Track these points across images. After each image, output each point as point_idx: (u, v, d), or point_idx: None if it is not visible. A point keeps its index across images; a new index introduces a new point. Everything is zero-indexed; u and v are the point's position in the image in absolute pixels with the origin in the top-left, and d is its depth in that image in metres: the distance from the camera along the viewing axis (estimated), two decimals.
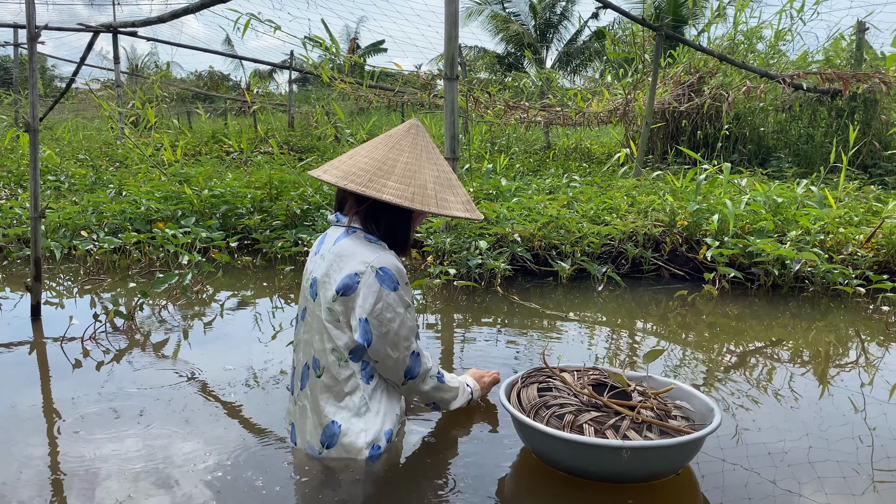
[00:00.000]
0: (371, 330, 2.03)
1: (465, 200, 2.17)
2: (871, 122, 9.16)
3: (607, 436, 1.96)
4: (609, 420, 2.02)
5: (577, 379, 2.29)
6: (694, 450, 2.02)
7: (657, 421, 2.00)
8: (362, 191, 2.01)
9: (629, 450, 1.88)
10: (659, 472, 2.02)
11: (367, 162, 2.09)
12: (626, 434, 1.95)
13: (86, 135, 12.73)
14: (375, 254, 2.06)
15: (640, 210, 5.45)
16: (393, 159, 2.10)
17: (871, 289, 4.33)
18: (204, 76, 32.13)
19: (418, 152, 2.15)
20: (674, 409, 2.13)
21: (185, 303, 4.11)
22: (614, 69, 11.09)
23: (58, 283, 4.66)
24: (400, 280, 2.07)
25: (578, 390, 2.16)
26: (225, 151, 10.65)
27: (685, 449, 1.97)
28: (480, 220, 2.20)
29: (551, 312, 4.03)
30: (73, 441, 2.31)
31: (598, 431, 1.98)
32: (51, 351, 3.27)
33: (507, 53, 30.64)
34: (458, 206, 2.13)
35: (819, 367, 3.22)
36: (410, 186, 2.05)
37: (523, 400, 2.19)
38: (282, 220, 5.68)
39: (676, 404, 2.18)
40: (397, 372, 2.13)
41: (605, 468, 1.98)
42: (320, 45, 9.50)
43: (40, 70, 32.84)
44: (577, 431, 1.99)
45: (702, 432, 1.94)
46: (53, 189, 7.12)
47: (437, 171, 2.15)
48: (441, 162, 2.20)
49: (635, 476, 2.00)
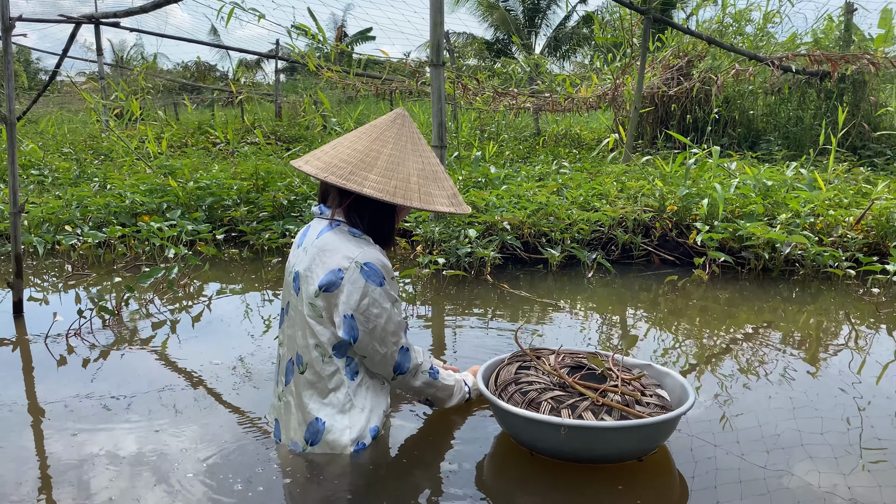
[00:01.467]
0: (357, 326, 1.99)
1: (451, 194, 2.10)
2: (860, 104, 9.15)
3: (561, 414, 1.97)
4: (569, 400, 2.03)
5: (559, 360, 2.27)
6: (652, 435, 1.99)
7: (617, 405, 1.97)
8: (342, 184, 1.94)
9: (567, 428, 1.91)
10: (614, 453, 2.01)
11: (349, 153, 2.02)
12: (582, 414, 1.96)
13: (70, 128, 12.59)
14: (360, 249, 2.01)
15: (629, 196, 5.42)
16: (376, 151, 2.04)
17: (861, 271, 4.32)
18: (191, 67, 31.86)
19: (403, 143, 2.08)
20: (651, 396, 2.10)
21: (172, 297, 4.06)
22: (603, 54, 11.03)
23: (42, 279, 4.59)
24: (385, 275, 2.02)
25: (550, 370, 2.17)
26: (211, 143, 10.55)
27: (636, 433, 1.94)
28: (467, 213, 2.14)
29: (542, 300, 4.00)
30: (61, 437, 2.27)
31: (553, 409, 1.99)
32: (35, 348, 3.22)
33: (496, 40, 30.49)
34: (443, 200, 2.06)
35: (810, 350, 3.21)
36: (393, 180, 1.99)
37: (500, 377, 2.24)
38: (269, 211, 5.62)
39: (657, 392, 2.14)
40: (386, 367, 2.09)
41: (550, 445, 2.01)
42: (306, 34, 9.41)
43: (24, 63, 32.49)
44: (534, 408, 2.01)
45: (652, 420, 1.92)
46: (37, 183, 7.03)
47: (422, 163, 2.09)
48: (427, 153, 2.13)
49: (590, 456, 2.01)
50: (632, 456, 2.05)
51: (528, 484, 2.02)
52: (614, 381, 2.12)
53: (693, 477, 2.03)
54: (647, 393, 2.11)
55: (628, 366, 2.33)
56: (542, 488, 1.98)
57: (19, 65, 29.22)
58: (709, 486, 1.97)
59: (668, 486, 2.04)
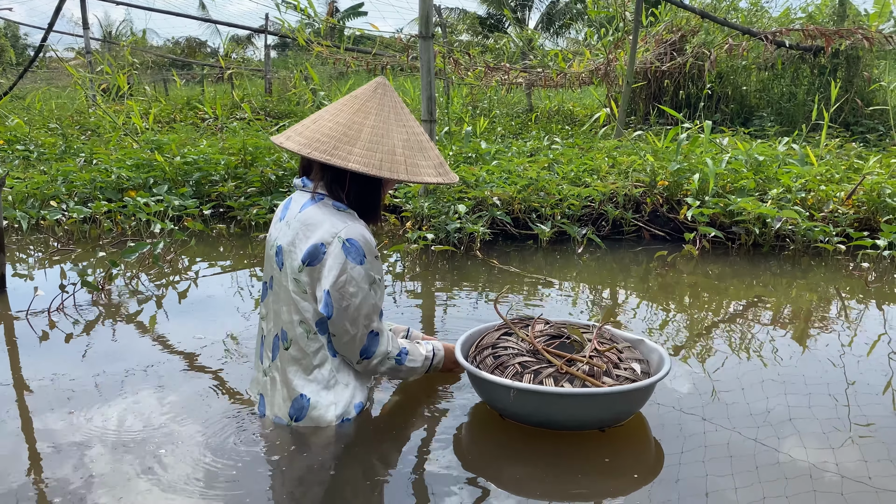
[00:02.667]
0: (332, 303, 1.95)
1: (437, 164, 2.05)
2: (853, 80, 9.10)
3: (523, 379, 2.00)
4: (535, 366, 2.05)
5: (542, 329, 2.27)
6: (607, 405, 1.99)
7: (580, 374, 1.99)
8: (326, 159, 1.90)
9: (515, 390, 1.96)
10: (571, 421, 2.04)
11: (332, 127, 1.97)
12: (543, 381, 1.99)
13: (58, 103, 12.41)
14: (344, 224, 1.97)
15: (620, 171, 5.38)
16: (359, 123, 1.98)
17: (852, 246, 4.31)
18: (181, 43, 31.45)
19: (385, 114, 2.02)
20: (625, 369, 2.08)
21: (158, 272, 4.02)
22: (596, 29, 10.91)
23: (26, 254, 4.54)
24: (368, 253, 1.98)
25: (525, 337, 2.19)
26: (200, 118, 10.43)
27: (586, 401, 1.97)
28: (455, 182, 2.09)
29: (532, 276, 3.98)
30: (45, 413, 2.25)
31: (516, 374, 2.03)
32: (18, 325, 3.18)
33: (489, 15, 30.20)
34: (429, 171, 2.01)
35: (799, 325, 3.20)
36: (378, 153, 1.94)
37: (482, 342, 2.27)
38: (256, 186, 5.56)
39: (632, 366, 2.12)
40: (353, 349, 2.04)
41: (505, 406, 2.07)
42: (296, 8, 9.27)
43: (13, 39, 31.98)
44: (500, 371, 2.07)
45: (600, 389, 1.94)
46: (22, 159, 6.93)
47: (406, 133, 2.03)
48: (411, 123, 2.07)
49: (548, 421, 2.04)
50: (592, 425, 2.06)
51: (504, 451, 2.01)
52: (589, 352, 2.11)
53: (682, 452, 2.02)
54: (622, 366, 2.10)
55: (619, 339, 2.30)
56: (521, 456, 1.97)
57: (6, 40, 28.82)
58: (696, 461, 1.97)
59: (646, 454, 2.06)
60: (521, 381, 2.00)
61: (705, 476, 1.88)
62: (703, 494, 1.80)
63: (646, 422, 2.19)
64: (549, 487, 1.85)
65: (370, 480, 1.89)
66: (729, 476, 1.88)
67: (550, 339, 2.24)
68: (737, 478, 1.87)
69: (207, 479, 1.84)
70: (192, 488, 1.81)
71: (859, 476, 1.88)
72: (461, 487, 1.83)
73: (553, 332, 2.27)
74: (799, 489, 1.82)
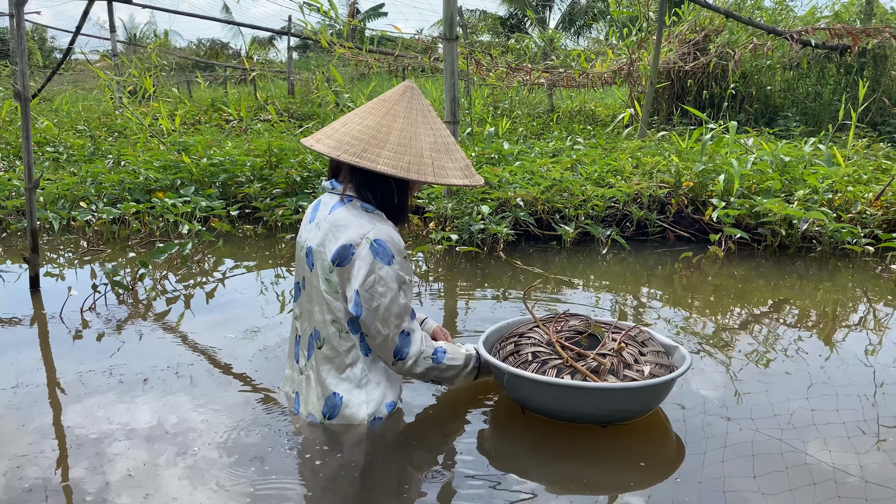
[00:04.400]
0: (361, 303, 1.97)
1: (463, 166, 2.07)
2: (880, 79, 8.99)
3: (529, 368, 2.09)
4: (546, 357, 2.13)
5: (567, 325, 2.31)
6: (593, 401, 2.03)
7: (582, 368, 2.05)
8: (356, 161, 1.92)
9: (508, 374, 2.07)
10: (567, 411, 2.09)
11: (360, 129, 1.99)
12: (546, 371, 2.07)
13: (85, 105, 12.61)
14: (372, 225, 1.99)
15: (644, 172, 5.36)
16: (387, 126, 2.00)
17: (881, 248, 4.26)
18: (204, 44, 31.79)
19: (413, 117, 2.05)
20: (636, 371, 2.07)
21: (186, 272, 4.08)
22: (618, 29, 10.87)
23: (58, 254, 4.63)
24: (396, 254, 1.99)
25: (545, 331, 2.25)
26: (224, 120, 10.54)
27: (579, 394, 2.01)
28: (481, 185, 2.11)
29: (555, 277, 3.98)
30: (79, 411, 2.30)
31: (525, 362, 2.13)
32: (51, 323, 3.25)
33: (510, 15, 30.17)
34: (456, 174, 2.03)
35: (826, 328, 3.18)
36: (406, 155, 1.97)
37: (514, 332, 2.34)
38: (282, 187, 5.62)
39: (643, 368, 2.09)
40: (387, 350, 2.05)
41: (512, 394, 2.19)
42: (318, 10, 9.33)
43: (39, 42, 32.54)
44: (513, 358, 2.18)
45: (579, 383, 1.99)
46: (52, 160, 7.06)
47: (433, 136, 2.05)
48: (438, 126, 2.09)
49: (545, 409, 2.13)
50: (587, 419, 2.10)
51: (529, 449, 2.03)
52: (602, 349, 2.15)
53: (705, 453, 2.02)
54: (635, 367, 2.09)
55: (653, 342, 2.27)
56: (546, 452, 1.99)
57: (34, 43, 29.28)
58: (717, 462, 1.97)
59: (667, 451, 2.09)
60: (525, 370, 2.09)
61: (722, 477, 1.89)
62: (722, 492, 1.80)
63: (667, 420, 2.20)
64: (572, 484, 1.86)
65: (400, 479, 1.92)
66: (751, 476, 1.88)
67: (576, 335, 2.26)
68: (760, 481, 1.87)
69: (237, 476, 1.88)
70: (221, 485, 1.84)
71: (885, 480, 1.87)
72: (487, 486, 1.86)
73: (581, 329, 2.29)
74: (825, 493, 1.82)
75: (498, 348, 2.30)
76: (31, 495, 1.81)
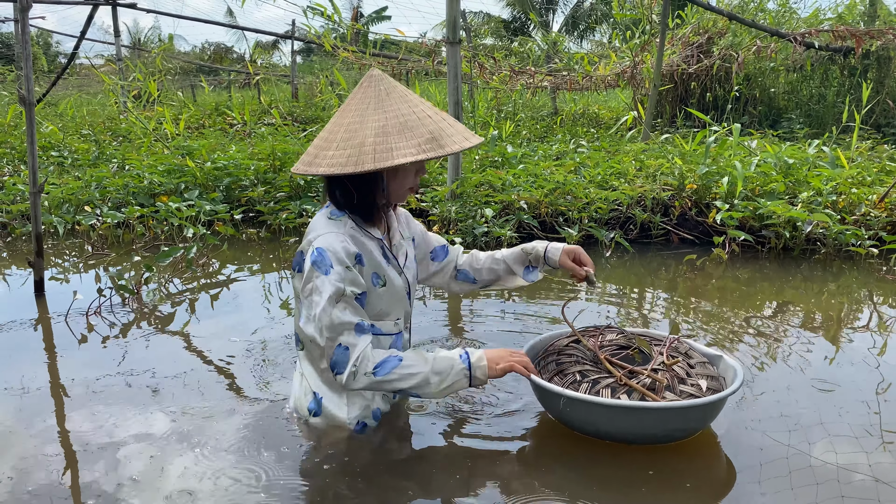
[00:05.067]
0: (303, 310, 1.95)
1: (426, 139, 1.85)
2: (884, 80, 8.97)
3: (580, 388, 1.96)
4: (595, 375, 2.01)
5: (610, 339, 2.21)
6: (666, 418, 1.91)
7: (638, 386, 1.92)
8: (304, 171, 1.89)
9: (566, 399, 1.93)
10: (631, 432, 1.97)
11: (319, 137, 1.96)
12: (601, 391, 1.94)
13: (89, 110, 12.66)
14: (321, 232, 1.94)
15: (648, 174, 5.36)
16: (338, 125, 1.92)
17: (885, 249, 4.25)
18: (208, 48, 31.90)
19: (364, 107, 1.91)
20: (692, 386, 1.96)
21: (191, 276, 4.09)
22: (622, 31, 10.88)
23: (62, 258, 4.64)
24: (335, 263, 1.87)
25: (589, 346, 2.14)
26: (228, 124, 10.57)
27: (636, 415, 1.89)
28: (454, 152, 1.87)
29: (559, 280, 3.98)
30: (84, 415, 2.31)
31: (574, 382, 1.99)
32: (56, 327, 3.26)
33: (513, 18, 30.21)
34: (408, 150, 1.83)
35: (831, 330, 3.17)
36: (347, 150, 1.86)
37: (552, 347, 2.22)
38: (286, 191, 5.63)
39: (699, 382, 1.98)
40: (325, 362, 1.92)
41: (558, 415, 2.06)
42: (322, 14, 9.35)
43: (44, 46, 32.68)
44: (560, 379, 2.03)
45: (641, 403, 1.86)
46: (56, 165, 7.08)
47: (384, 119, 1.87)
48: (396, 105, 1.90)
49: (596, 431, 2.00)
50: (651, 440, 1.98)
51: (543, 460, 2.02)
52: (655, 364, 2.03)
53: (760, 477, 2.02)
54: (689, 382, 1.99)
55: (695, 353, 2.18)
56: (574, 464, 1.98)
57: (39, 48, 29.38)
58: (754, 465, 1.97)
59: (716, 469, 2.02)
60: (576, 391, 1.96)
61: (758, 481, 1.88)
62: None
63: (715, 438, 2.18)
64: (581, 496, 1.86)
65: (377, 487, 1.91)
66: (759, 480, 1.88)
67: (618, 350, 2.17)
68: (767, 483, 1.87)
69: (240, 479, 1.88)
70: (225, 488, 1.85)
71: (891, 480, 1.87)
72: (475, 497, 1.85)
73: (623, 343, 2.20)
74: (827, 493, 1.81)
75: (538, 365, 2.17)
76: (36, 499, 1.82)
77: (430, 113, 1.93)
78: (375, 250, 2.00)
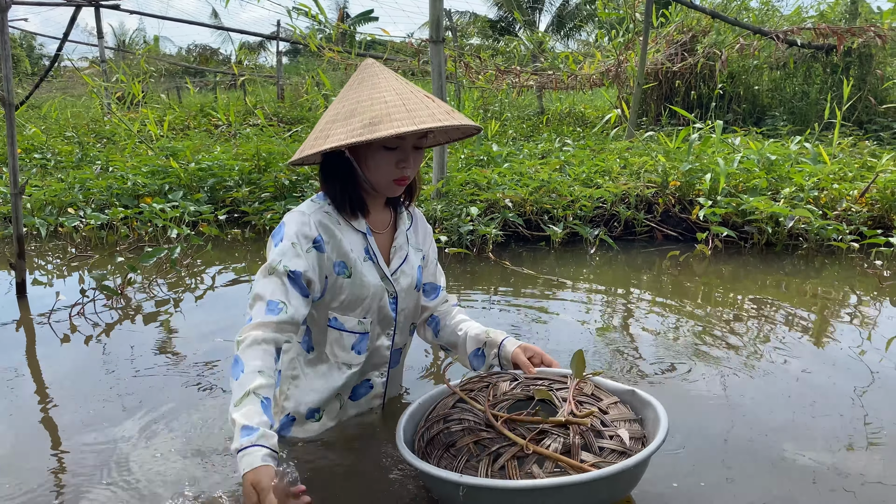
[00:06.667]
0: None
1: (364, 124, 1.71)
2: (866, 78, 9.06)
3: (479, 465, 1.54)
4: (494, 446, 1.58)
5: (509, 389, 1.78)
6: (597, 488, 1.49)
7: (551, 453, 1.52)
8: (292, 162, 1.97)
9: (465, 487, 1.50)
10: None
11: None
12: (506, 464, 1.53)
13: (73, 112, 12.57)
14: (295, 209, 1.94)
15: (632, 172, 5.39)
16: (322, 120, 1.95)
17: (865, 244, 4.30)
18: (194, 50, 31.75)
19: (338, 98, 1.87)
20: (611, 437, 1.59)
21: (175, 277, 4.07)
22: (607, 31, 10.93)
23: (45, 260, 4.61)
24: (285, 237, 1.83)
25: (480, 408, 1.71)
26: (213, 125, 10.53)
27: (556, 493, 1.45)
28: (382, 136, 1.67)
29: (544, 277, 3.99)
30: (66, 416, 2.29)
31: (471, 458, 1.57)
32: (39, 328, 3.24)
33: (500, 18, 30.25)
34: (337, 137, 1.74)
35: (814, 324, 3.20)
36: (308, 142, 1.86)
37: (434, 412, 1.81)
38: (270, 191, 5.61)
39: (619, 433, 1.60)
40: None
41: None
42: (307, 14, 9.34)
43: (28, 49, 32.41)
44: (451, 456, 1.61)
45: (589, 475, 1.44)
46: (39, 167, 7.04)
47: (340, 106, 1.82)
48: (358, 93, 1.82)
49: None
50: None
51: None
52: (564, 415, 1.63)
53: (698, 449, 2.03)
54: (606, 433, 1.60)
55: (604, 392, 1.80)
56: None
57: (22, 51, 29.17)
58: (717, 462, 1.98)
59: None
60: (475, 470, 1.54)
61: (726, 479, 1.90)
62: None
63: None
64: None
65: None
66: (742, 480, 1.89)
67: (518, 403, 1.75)
68: (750, 481, 1.88)
69: (223, 475, 1.88)
70: (214, 488, 1.84)
71: (878, 477, 1.89)
72: None
73: (522, 393, 1.77)
74: (805, 490, 1.83)
75: (421, 443, 1.72)
76: (11, 501, 1.81)
77: (392, 97, 1.77)
78: (354, 242, 1.93)
